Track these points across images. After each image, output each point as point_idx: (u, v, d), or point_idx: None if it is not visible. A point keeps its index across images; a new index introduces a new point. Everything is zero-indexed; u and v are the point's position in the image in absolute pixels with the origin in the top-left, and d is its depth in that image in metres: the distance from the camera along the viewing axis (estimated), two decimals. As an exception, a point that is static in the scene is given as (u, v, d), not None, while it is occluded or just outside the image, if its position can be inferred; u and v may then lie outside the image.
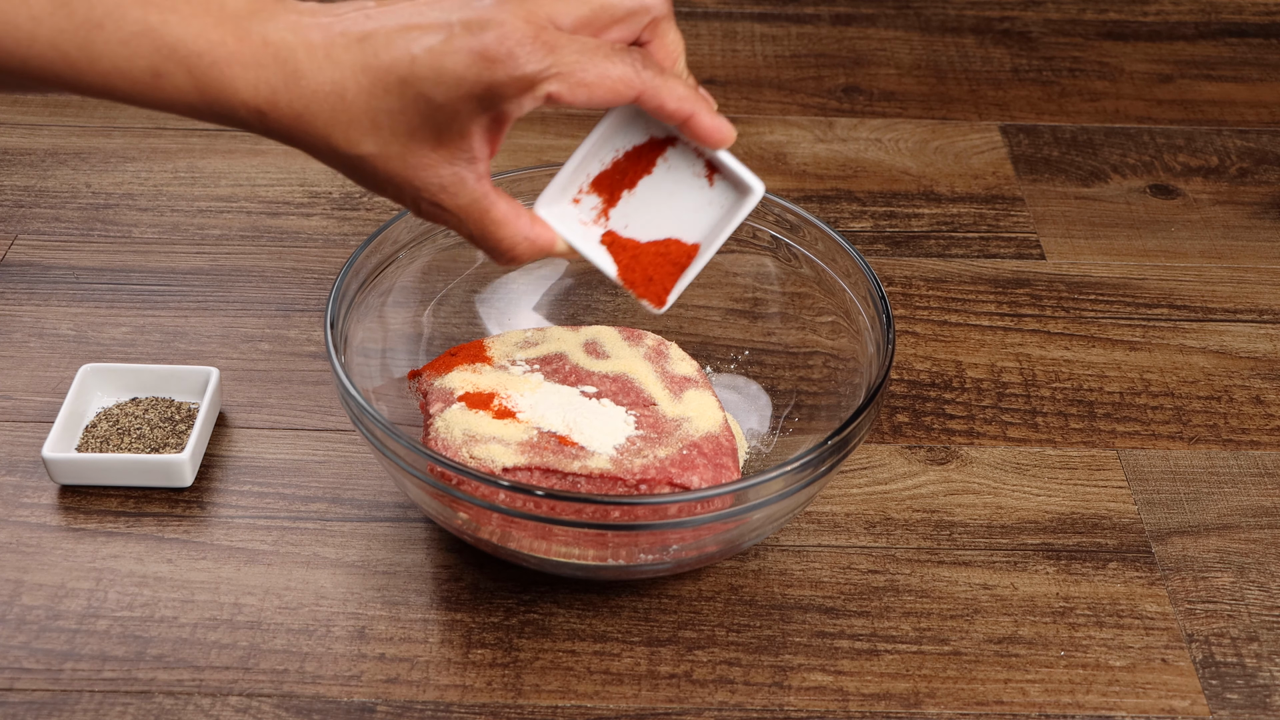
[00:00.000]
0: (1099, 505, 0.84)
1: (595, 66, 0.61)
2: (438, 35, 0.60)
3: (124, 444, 0.82)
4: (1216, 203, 1.08)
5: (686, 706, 0.72)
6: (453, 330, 0.87)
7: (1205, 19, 1.29)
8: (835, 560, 0.80)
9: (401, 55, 0.60)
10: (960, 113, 1.17)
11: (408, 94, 0.61)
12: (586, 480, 0.75)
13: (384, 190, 0.64)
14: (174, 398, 0.85)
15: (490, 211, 0.65)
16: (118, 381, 0.86)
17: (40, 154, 1.08)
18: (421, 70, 0.60)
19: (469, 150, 0.63)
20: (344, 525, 0.81)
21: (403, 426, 0.81)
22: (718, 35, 1.25)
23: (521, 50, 0.60)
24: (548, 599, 0.77)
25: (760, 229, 0.87)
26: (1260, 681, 0.75)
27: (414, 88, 0.61)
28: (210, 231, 1.01)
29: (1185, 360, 0.94)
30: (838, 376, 0.84)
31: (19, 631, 0.75)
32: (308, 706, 0.72)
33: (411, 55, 0.60)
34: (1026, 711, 0.73)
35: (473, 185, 0.64)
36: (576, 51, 0.61)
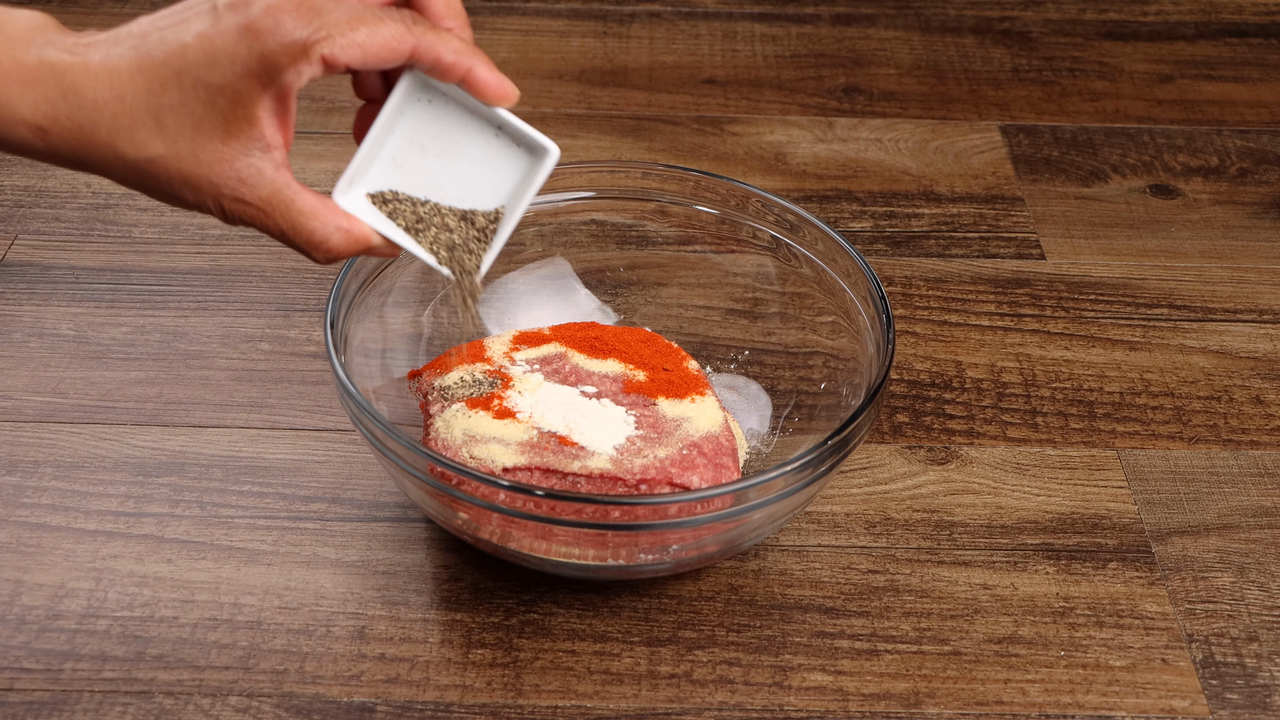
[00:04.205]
0: (1099, 505, 0.84)
1: (365, 25, 0.61)
2: (205, 20, 0.60)
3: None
4: (1216, 203, 1.08)
5: (686, 706, 0.72)
6: (453, 330, 0.87)
7: (1205, 19, 1.29)
8: (835, 560, 0.80)
9: (174, 47, 0.60)
10: (960, 113, 1.17)
11: (185, 83, 0.60)
12: (586, 480, 0.75)
13: (183, 196, 0.63)
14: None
15: (295, 201, 0.63)
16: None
17: (40, 154, 1.08)
18: (194, 56, 0.60)
19: (260, 138, 0.62)
20: (344, 525, 0.81)
21: (403, 426, 0.81)
22: (718, 35, 1.25)
23: (288, 18, 0.60)
24: (548, 599, 0.77)
25: (760, 229, 0.87)
26: (1260, 681, 0.75)
27: (190, 75, 0.60)
28: (210, 231, 1.01)
29: (1185, 360, 0.94)
30: (838, 376, 0.84)
31: (19, 631, 0.75)
32: (308, 706, 0.72)
33: (183, 44, 0.60)
34: (1026, 711, 0.73)
35: (271, 175, 0.62)
36: (344, 13, 0.61)
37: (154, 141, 0.61)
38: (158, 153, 0.61)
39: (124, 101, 0.61)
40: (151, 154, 0.61)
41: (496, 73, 0.64)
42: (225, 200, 0.63)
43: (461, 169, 0.67)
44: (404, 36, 0.62)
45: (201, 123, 0.61)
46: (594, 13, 1.27)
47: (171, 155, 0.62)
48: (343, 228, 0.65)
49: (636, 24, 1.26)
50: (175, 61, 0.60)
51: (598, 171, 0.88)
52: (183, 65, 0.60)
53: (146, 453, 0.84)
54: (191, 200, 0.63)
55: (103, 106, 0.61)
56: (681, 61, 1.22)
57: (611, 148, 1.11)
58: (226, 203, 0.63)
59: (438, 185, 0.68)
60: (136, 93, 0.61)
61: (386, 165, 0.67)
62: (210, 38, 0.60)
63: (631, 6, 1.28)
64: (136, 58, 0.61)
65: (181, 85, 0.61)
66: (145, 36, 0.61)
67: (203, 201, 0.63)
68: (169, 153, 0.61)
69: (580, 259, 0.90)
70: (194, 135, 0.61)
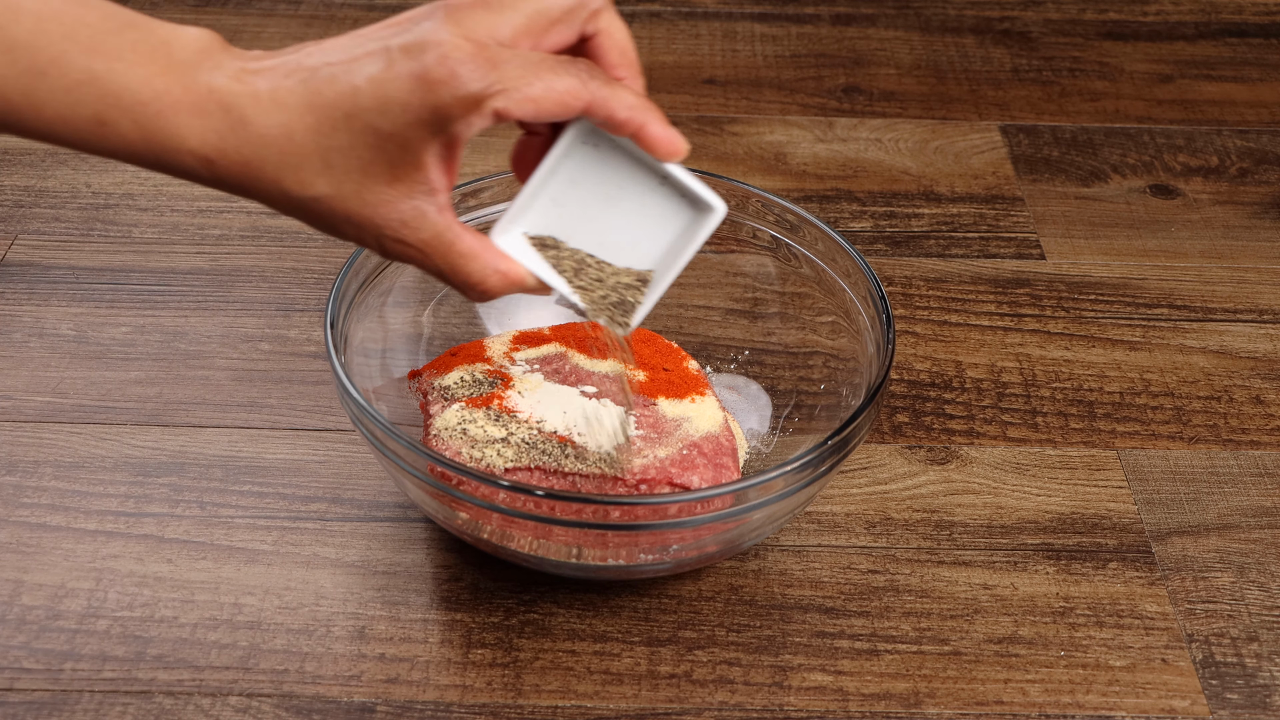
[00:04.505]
0: (1099, 505, 0.84)
1: (540, 80, 0.60)
2: (378, 63, 0.59)
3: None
4: (1216, 203, 1.08)
5: (686, 706, 0.72)
6: (453, 330, 0.87)
7: (1205, 19, 1.29)
8: (835, 560, 0.80)
9: (345, 89, 0.59)
10: (960, 113, 1.17)
11: (355, 127, 0.60)
12: (586, 480, 0.75)
13: (344, 232, 0.63)
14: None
15: (455, 244, 0.63)
16: None
17: (40, 154, 1.08)
18: (365, 101, 0.59)
19: (426, 181, 0.61)
20: (344, 525, 0.81)
21: (403, 426, 0.81)
22: (718, 35, 1.25)
23: (464, 69, 0.58)
24: (548, 599, 0.77)
25: (760, 229, 0.87)
26: (1260, 681, 0.75)
27: (360, 120, 0.59)
28: (210, 231, 1.01)
29: (1185, 360, 0.94)
30: (838, 376, 0.84)
31: (19, 631, 0.75)
32: (308, 706, 0.72)
33: (354, 87, 0.59)
34: (1026, 711, 0.73)
35: (434, 218, 0.62)
36: (520, 66, 0.59)
37: (320, 181, 0.61)
38: (323, 192, 0.61)
39: (292, 139, 0.60)
40: (317, 193, 0.61)
41: (668, 128, 0.63)
42: (386, 240, 0.62)
43: (623, 217, 0.66)
44: (579, 92, 0.61)
45: (369, 166, 0.60)
46: (594, 13, 1.27)
47: (337, 195, 0.61)
48: (500, 270, 0.64)
49: (636, 24, 1.26)
50: (346, 104, 0.59)
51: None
52: (354, 109, 0.59)
53: (146, 453, 0.84)
54: (352, 235, 0.63)
55: (270, 142, 0.60)
56: (681, 61, 1.22)
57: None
58: (388, 243, 0.62)
59: (597, 231, 0.67)
60: (305, 131, 0.60)
61: (546, 206, 0.66)
62: (383, 83, 0.59)
63: (631, 6, 1.28)
64: (306, 94, 0.59)
65: (351, 129, 0.60)
66: (315, 72, 0.60)
67: (363, 239, 0.63)
68: (334, 193, 0.61)
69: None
70: (360, 178, 0.61)
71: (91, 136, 0.59)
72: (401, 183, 0.61)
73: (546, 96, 0.60)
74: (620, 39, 0.63)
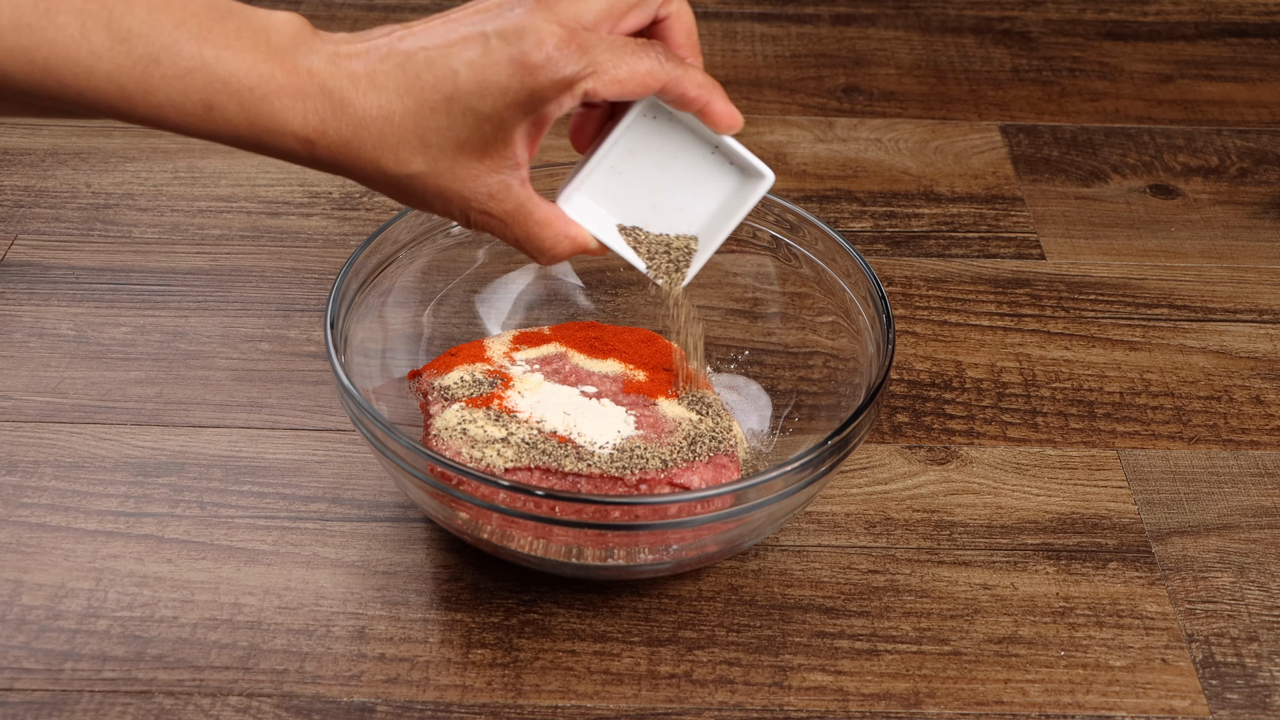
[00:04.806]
0: (1099, 505, 0.84)
1: (625, 63, 0.64)
2: (476, 48, 0.63)
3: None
4: (1216, 203, 1.08)
5: (686, 706, 0.72)
6: (453, 330, 0.87)
7: (1205, 19, 1.29)
8: (835, 560, 0.80)
9: (445, 73, 0.63)
10: (960, 113, 1.17)
11: (454, 110, 0.63)
12: (586, 480, 0.75)
13: (432, 205, 0.66)
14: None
15: (534, 214, 0.67)
16: None
17: (40, 154, 1.08)
18: (466, 85, 0.63)
19: (513, 157, 0.65)
20: (344, 525, 0.81)
21: (403, 426, 0.81)
22: (718, 35, 1.25)
23: (559, 54, 0.63)
24: (548, 599, 0.77)
25: (760, 229, 0.87)
26: (1260, 681, 0.75)
27: (460, 103, 0.63)
28: (210, 231, 1.01)
29: (1185, 360, 0.94)
30: (838, 376, 0.84)
31: (19, 631, 0.75)
32: (308, 706, 0.72)
33: (454, 71, 0.63)
34: (1026, 711, 0.73)
35: (517, 190, 0.66)
36: (607, 50, 0.64)
37: (417, 159, 0.64)
38: (419, 169, 0.64)
39: (391, 121, 0.63)
40: (413, 170, 0.64)
41: (729, 104, 0.68)
42: (472, 212, 0.66)
43: (677, 182, 0.72)
44: (658, 74, 0.65)
45: (464, 145, 0.64)
46: (594, 13, 1.27)
47: (431, 172, 0.65)
48: (569, 235, 0.69)
49: (636, 24, 1.26)
50: (446, 88, 0.63)
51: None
52: (453, 93, 0.63)
53: (146, 453, 0.84)
54: (439, 209, 0.66)
55: (370, 123, 0.63)
56: (681, 61, 1.22)
57: (611, 148, 1.11)
58: (473, 214, 0.66)
59: (652, 194, 0.72)
60: (404, 113, 0.63)
61: (607, 173, 0.71)
62: (483, 69, 0.62)
63: (631, 6, 1.28)
64: (404, 78, 0.63)
65: (450, 111, 0.63)
66: (411, 56, 0.63)
67: (450, 211, 0.67)
68: (429, 170, 0.65)
69: (580, 259, 0.90)
70: (455, 155, 0.64)
71: (200, 121, 0.62)
72: (491, 158, 0.65)
73: (631, 78, 0.65)
74: (687, 21, 0.68)
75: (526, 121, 0.64)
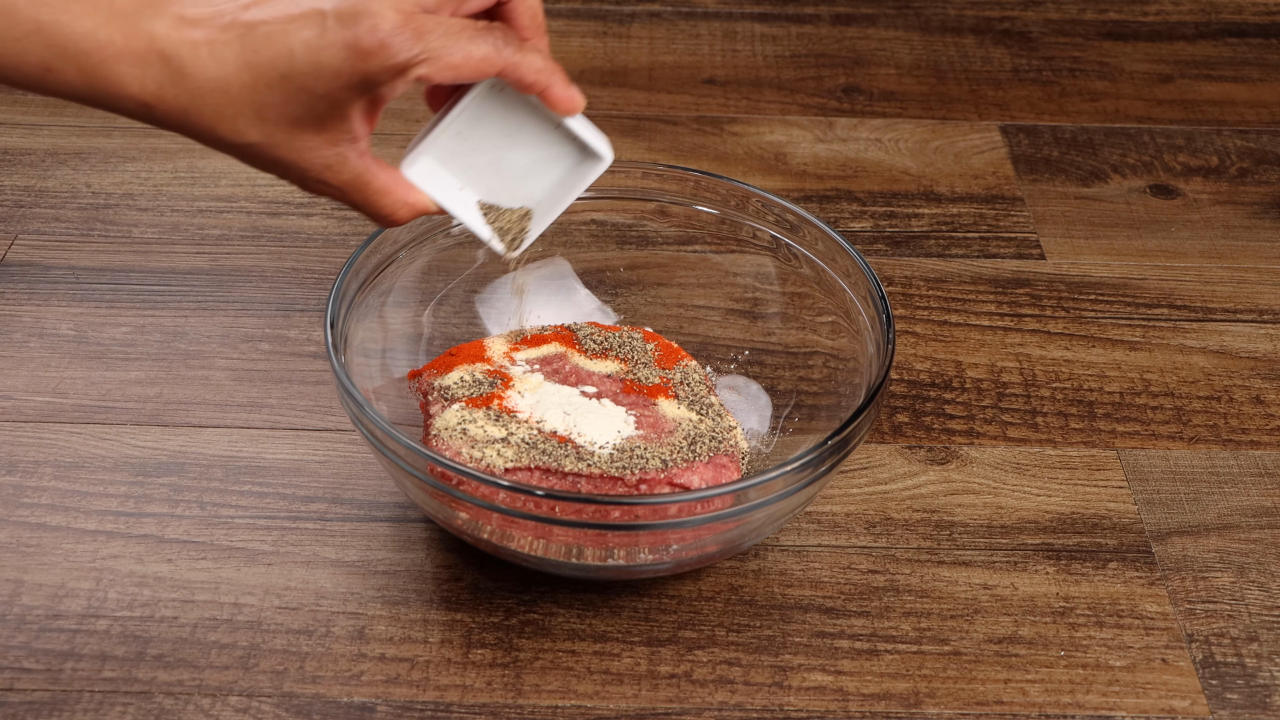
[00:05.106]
0: (1099, 505, 0.84)
1: (460, 49, 0.65)
2: (313, 28, 0.63)
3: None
4: (1216, 203, 1.08)
5: (686, 706, 0.72)
6: (453, 330, 0.87)
7: (1205, 19, 1.29)
8: (835, 560, 0.80)
9: (281, 50, 0.63)
10: (960, 113, 1.17)
11: (289, 88, 0.64)
12: (586, 480, 0.75)
13: (271, 170, 0.67)
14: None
15: (372, 183, 0.68)
16: None
17: (40, 154, 1.08)
18: (300, 65, 0.63)
19: (350, 131, 0.66)
20: (344, 525, 0.81)
21: (403, 426, 0.81)
22: (718, 35, 1.25)
23: (392, 40, 0.63)
24: (548, 599, 0.77)
25: (760, 229, 0.87)
26: (1260, 681, 0.75)
27: (295, 82, 0.64)
28: (210, 231, 1.01)
29: (1185, 360, 0.94)
30: (838, 376, 0.84)
31: (19, 631, 0.75)
32: (308, 706, 0.72)
33: (290, 50, 0.63)
34: (1026, 711, 0.73)
35: (354, 162, 0.67)
36: (443, 35, 0.64)
37: (253, 130, 0.65)
38: (255, 140, 0.65)
39: (228, 93, 0.64)
40: (249, 140, 0.65)
41: (568, 88, 0.69)
42: (310, 181, 0.67)
43: (519, 153, 0.72)
44: (494, 59, 0.66)
45: (299, 120, 0.65)
46: (594, 13, 1.27)
47: (268, 143, 0.66)
48: (408, 202, 0.70)
49: (636, 24, 1.26)
50: (281, 65, 0.63)
51: (598, 171, 0.88)
52: (289, 71, 0.63)
53: (146, 453, 0.84)
54: (279, 174, 0.67)
55: (207, 93, 0.64)
56: (681, 61, 1.22)
57: (611, 148, 1.11)
58: (311, 183, 0.67)
59: (495, 162, 0.72)
60: (241, 87, 0.64)
61: (452, 139, 0.71)
62: (318, 50, 0.63)
63: (631, 6, 1.28)
64: (242, 51, 0.63)
65: (285, 89, 0.64)
66: (251, 29, 0.63)
67: (288, 177, 0.68)
68: (265, 140, 0.65)
69: (580, 259, 0.90)
70: (291, 128, 0.65)
71: (39, 81, 0.63)
72: (328, 132, 0.65)
73: (465, 64, 0.65)
74: (532, 3, 0.69)
75: (362, 100, 0.65)
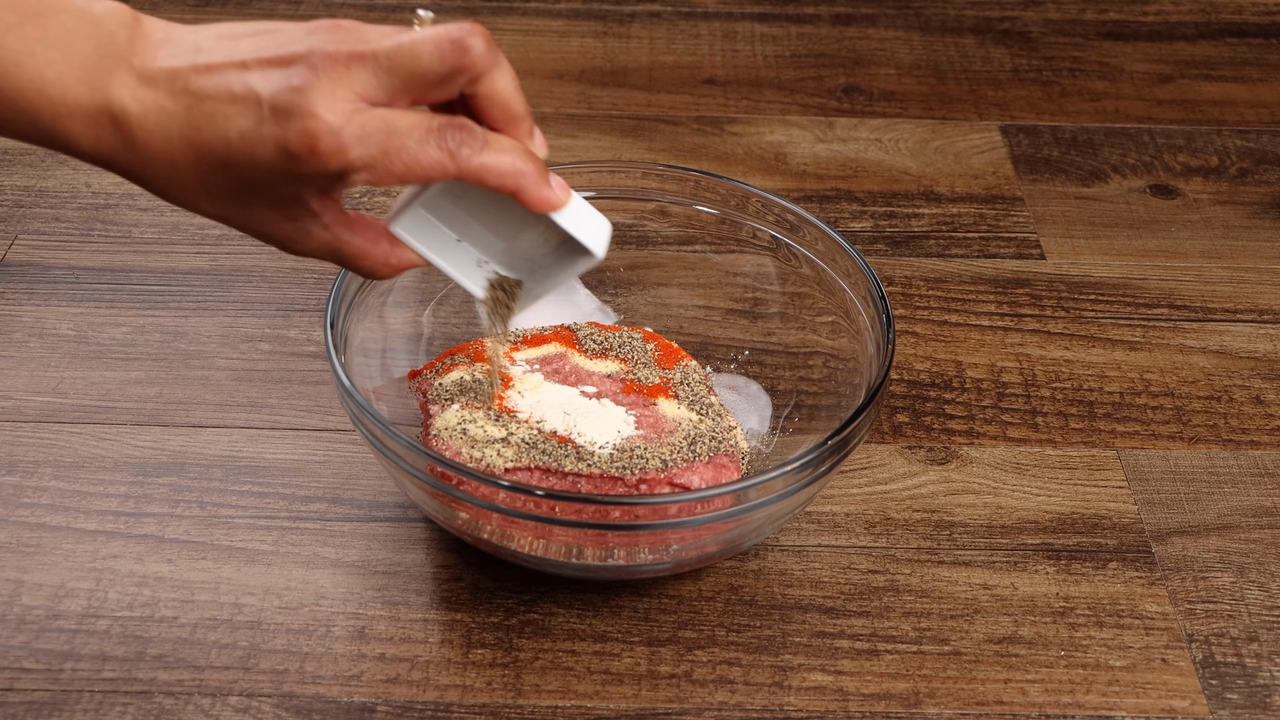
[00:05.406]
0: (1099, 505, 0.84)
1: (405, 155, 0.60)
2: (249, 118, 0.60)
3: None
4: (1216, 203, 1.08)
5: (686, 706, 0.72)
6: (453, 330, 0.87)
7: (1205, 19, 1.29)
8: (835, 560, 0.80)
9: (219, 136, 0.60)
10: (960, 113, 1.17)
11: (231, 173, 0.61)
12: (586, 480, 0.75)
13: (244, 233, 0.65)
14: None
15: (344, 250, 0.65)
16: None
17: (40, 154, 1.08)
18: (237, 155, 0.60)
19: (307, 209, 0.62)
20: (344, 525, 0.81)
21: (403, 426, 0.81)
22: (718, 35, 1.25)
23: (325, 144, 0.59)
24: (548, 599, 0.77)
25: (760, 229, 0.87)
26: (1260, 681, 0.75)
27: (235, 169, 0.61)
28: (210, 231, 1.01)
29: (1185, 360, 0.94)
30: (838, 376, 0.84)
31: (19, 631, 0.75)
32: (308, 706, 0.72)
33: (227, 139, 0.60)
34: (1026, 711, 0.73)
35: (319, 234, 0.64)
36: (385, 138, 0.60)
37: (205, 204, 0.63)
38: (209, 211, 0.63)
39: (175, 167, 0.61)
40: (203, 210, 0.63)
41: (542, 189, 0.64)
42: (277, 246, 0.65)
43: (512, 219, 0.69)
44: (445, 165, 0.61)
45: (249, 200, 0.62)
46: (594, 13, 1.27)
47: (221, 215, 0.64)
48: (389, 263, 0.66)
49: (636, 24, 1.26)
50: (220, 151, 0.60)
51: (598, 171, 0.88)
52: (227, 158, 0.60)
53: (146, 453, 0.84)
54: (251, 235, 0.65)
55: (156, 164, 0.62)
56: (681, 61, 1.22)
57: (611, 148, 1.11)
58: (282, 248, 0.65)
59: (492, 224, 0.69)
60: (186, 164, 0.61)
61: (443, 196, 0.67)
62: (252, 143, 0.60)
63: (631, 6, 1.28)
64: (186, 129, 0.61)
65: (228, 173, 0.61)
66: (199, 101, 0.60)
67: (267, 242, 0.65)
68: (219, 213, 0.63)
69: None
70: (243, 206, 0.63)
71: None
72: (282, 210, 0.63)
73: (410, 172, 0.61)
74: (504, 97, 0.63)
75: (310, 188, 0.61)
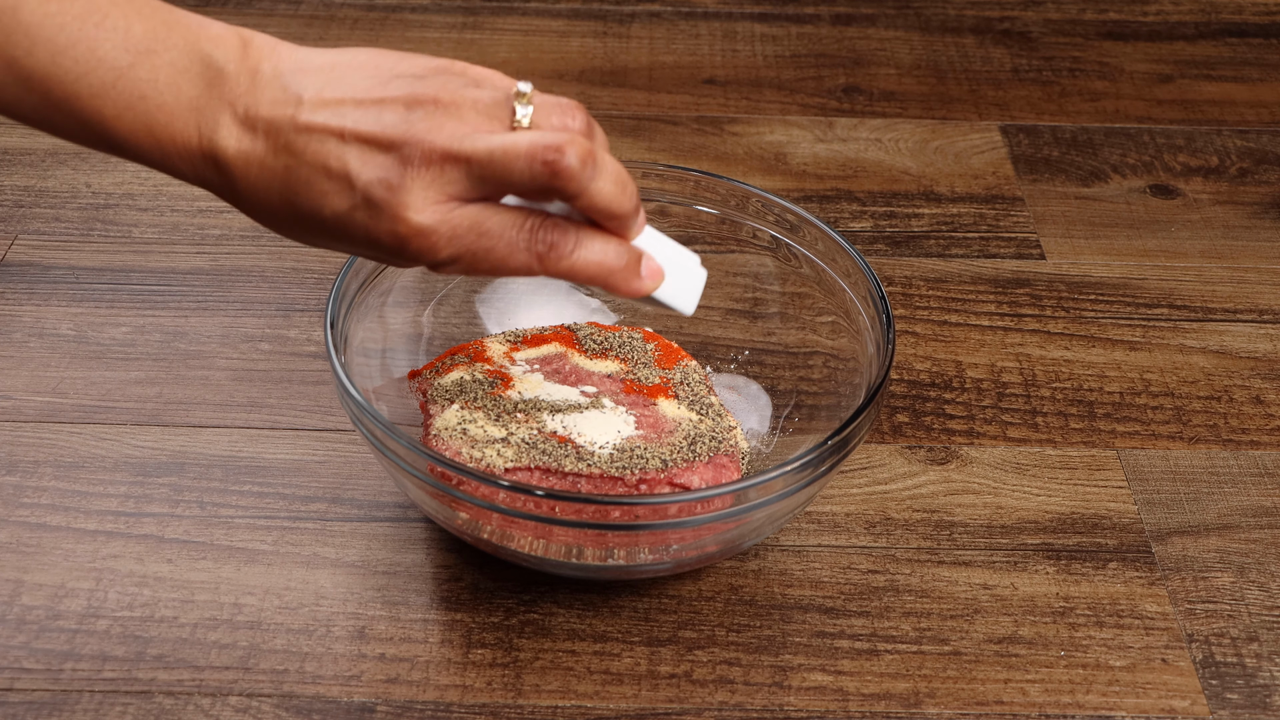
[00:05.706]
0: (1099, 505, 0.84)
1: (490, 259, 0.62)
2: (344, 200, 0.61)
3: None
4: (1216, 203, 1.08)
5: (686, 706, 0.72)
6: (453, 330, 0.87)
7: (1205, 19, 1.29)
8: (835, 560, 0.80)
9: (315, 208, 0.62)
10: (960, 113, 1.17)
11: (328, 235, 0.63)
12: (586, 480, 0.75)
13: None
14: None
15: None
16: None
17: (40, 154, 1.08)
18: (332, 228, 0.62)
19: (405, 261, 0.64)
20: (344, 525, 0.81)
21: (403, 426, 0.81)
22: (718, 35, 1.25)
23: (413, 247, 0.61)
24: (548, 599, 0.77)
25: (760, 229, 0.87)
26: (1260, 681, 0.75)
27: (331, 235, 0.63)
28: (210, 231, 1.01)
29: (1185, 360, 0.94)
30: (838, 376, 0.84)
31: (19, 631, 0.75)
32: (308, 706, 0.72)
33: (322, 213, 0.62)
34: (1026, 711, 0.73)
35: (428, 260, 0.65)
36: (471, 242, 0.62)
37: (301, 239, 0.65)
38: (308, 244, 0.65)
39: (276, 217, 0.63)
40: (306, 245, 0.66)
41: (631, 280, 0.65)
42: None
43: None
44: (533, 268, 0.63)
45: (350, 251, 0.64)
46: (594, 13, 1.27)
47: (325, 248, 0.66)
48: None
49: (636, 24, 1.26)
50: (316, 220, 0.62)
51: (598, 171, 0.88)
52: (323, 227, 0.62)
53: (146, 453, 0.84)
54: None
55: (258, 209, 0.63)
56: (681, 61, 1.22)
57: (611, 148, 1.11)
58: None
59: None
60: (286, 217, 0.63)
61: None
62: (346, 225, 0.62)
63: (631, 6, 1.28)
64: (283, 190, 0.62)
65: (326, 234, 0.63)
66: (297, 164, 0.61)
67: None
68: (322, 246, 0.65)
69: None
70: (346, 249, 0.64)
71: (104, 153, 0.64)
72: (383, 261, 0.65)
73: (499, 272, 0.63)
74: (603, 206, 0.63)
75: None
